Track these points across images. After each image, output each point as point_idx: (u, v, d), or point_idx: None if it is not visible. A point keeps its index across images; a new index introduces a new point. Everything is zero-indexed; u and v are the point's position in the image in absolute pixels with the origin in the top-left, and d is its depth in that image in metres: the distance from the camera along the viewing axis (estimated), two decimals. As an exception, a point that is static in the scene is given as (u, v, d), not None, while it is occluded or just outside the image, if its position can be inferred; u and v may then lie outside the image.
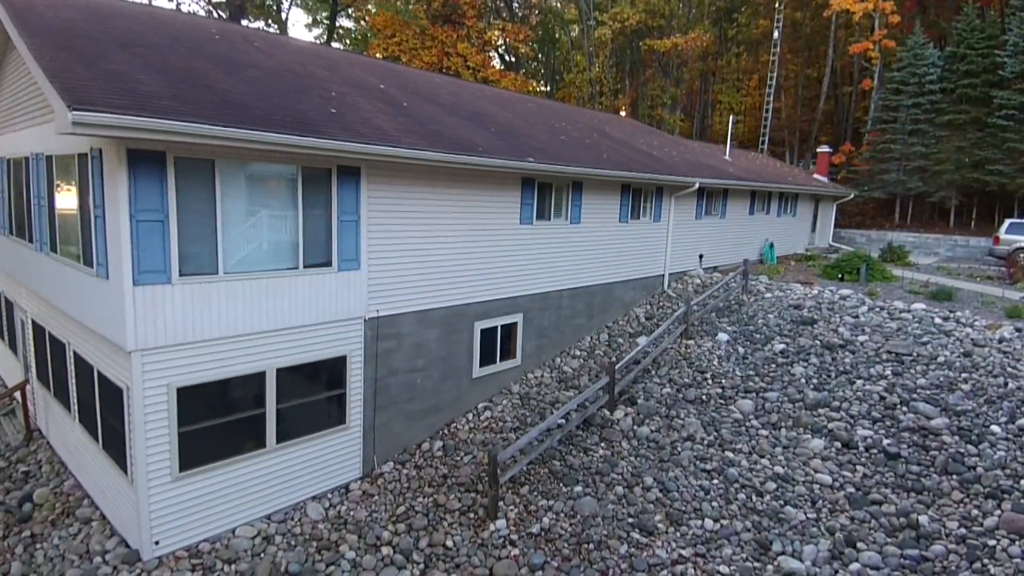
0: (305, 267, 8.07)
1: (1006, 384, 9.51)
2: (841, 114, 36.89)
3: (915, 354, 10.78)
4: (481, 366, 11.02)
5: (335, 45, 30.62)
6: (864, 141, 28.77)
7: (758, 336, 12.53)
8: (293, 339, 8.09)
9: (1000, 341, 10.83)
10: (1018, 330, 11.22)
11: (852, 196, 25.18)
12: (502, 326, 11.34)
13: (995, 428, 8.66)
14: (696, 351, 12.35)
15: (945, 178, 24.35)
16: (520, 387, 11.69)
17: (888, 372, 10.43)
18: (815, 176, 25.85)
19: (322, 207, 8.14)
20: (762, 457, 9.27)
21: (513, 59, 35.39)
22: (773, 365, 11.46)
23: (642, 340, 12.94)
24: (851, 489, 8.32)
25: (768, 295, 14.60)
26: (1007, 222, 20.57)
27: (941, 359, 10.49)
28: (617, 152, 14.68)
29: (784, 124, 36.50)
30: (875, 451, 8.85)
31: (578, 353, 12.93)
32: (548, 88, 47.01)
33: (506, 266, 11.15)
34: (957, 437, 8.71)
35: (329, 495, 8.84)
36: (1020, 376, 9.69)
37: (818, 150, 26.93)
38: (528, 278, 11.68)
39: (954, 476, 8.10)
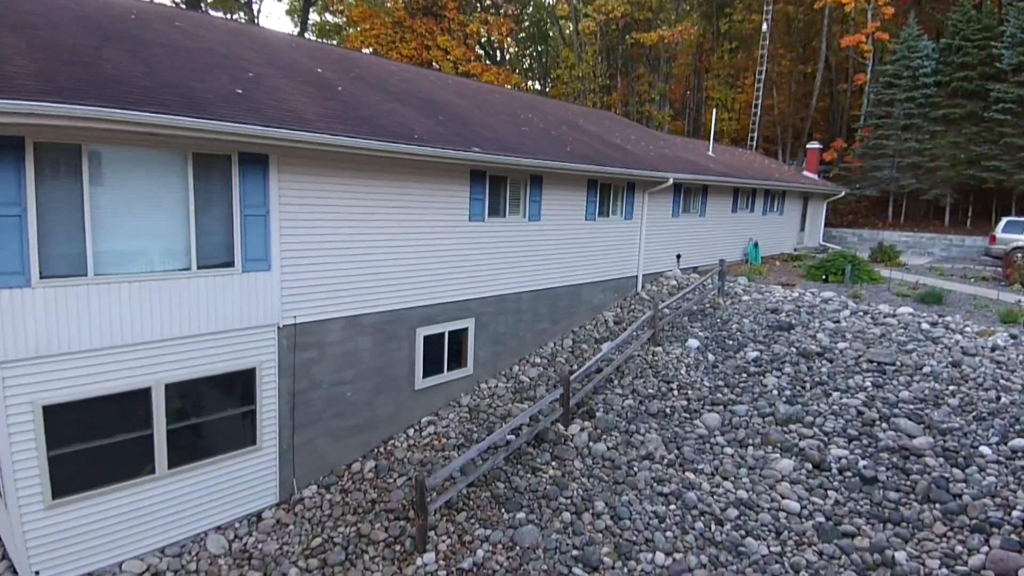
0: (200, 268, 7.12)
1: (998, 398, 8.56)
2: (837, 111, 35.92)
3: (898, 363, 9.83)
4: (425, 376, 10.07)
5: (308, 36, 29.67)
6: (856, 137, 27.80)
7: (731, 343, 11.58)
8: (186, 350, 7.14)
9: (993, 349, 9.88)
10: (1013, 337, 10.26)
11: (843, 194, 24.23)
12: (450, 332, 10.39)
13: (984, 449, 7.70)
14: (664, 359, 11.40)
15: (939, 175, 23.39)
16: (471, 399, 10.74)
17: (868, 384, 9.48)
18: (804, 173, 24.90)
19: (221, 200, 7.19)
20: (725, 479, 8.32)
21: (498, 53, 34.39)
22: (744, 375, 10.52)
23: (607, 346, 11.99)
24: (821, 518, 7.37)
25: (746, 298, 13.64)
26: (1004, 220, 19.66)
27: (927, 369, 9.54)
28: (585, 145, 13.74)
29: (777, 121, 35.53)
30: (849, 474, 7.89)
31: (538, 361, 11.98)
32: (540, 86, 46.14)
33: (454, 267, 10.21)
34: (942, 459, 7.75)
35: (237, 525, 7.90)
36: (1014, 389, 8.74)
37: (808, 146, 25.96)
38: (480, 280, 10.74)
39: (937, 505, 7.15)
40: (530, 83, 46.12)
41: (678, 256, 16.20)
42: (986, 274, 16.72)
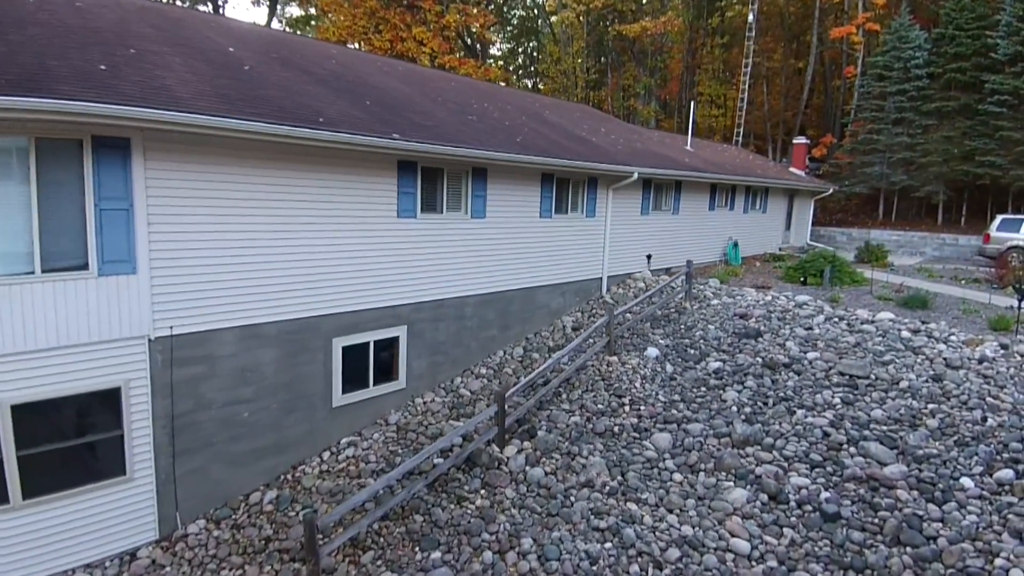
0: (45, 271, 6.08)
1: (984, 420, 7.49)
2: (831, 108, 34.81)
3: (872, 377, 8.78)
4: (345, 392, 9.03)
5: (276, 26, 28.60)
6: (846, 132, 26.71)
7: (692, 352, 10.52)
8: (33, 367, 6.10)
9: (980, 361, 8.81)
10: (1003, 347, 9.20)
11: (831, 191, 23.16)
12: (376, 342, 9.34)
13: (966, 482, 6.65)
14: (618, 370, 10.35)
15: (932, 171, 22.31)
16: (401, 416, 9.69)
17: (837, 400, 8.42)
18: (791, 170, 23.83)
19: (71, 192, 6.15)
20: (670, 512, 7.27)
21: (478, 46, 33.32)
22: (703, 388, 9.47)
23: (560, 355, 10.92)
24: (773, 562, 6.31)
25: (715, 302, 12.59)
26: (999, 218, 18.59)
27: (904, 384, 8.47)
28: (542, 137, 12.69)
29: (767, 117, 34.45)
30: (809, 508, 6.84)
31: (484, 372, 10.92)
32: (531, 84, 45.01)
33: (380, 269, 9.17)
34: (916, 492, 6.70)
35: (107, 564, 6.87)
36: (1003, 409, 7.68)
37: (794, 141, 24.89)
38: (413, 283, 9.69)
39: (908, 549, 6.09)
40: (525, 81, 45.11)
41: (648, 257, 15.15)
42: (979, 275, 15.65)
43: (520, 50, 47.58)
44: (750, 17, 27.22)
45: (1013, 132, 20.59)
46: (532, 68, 46.64)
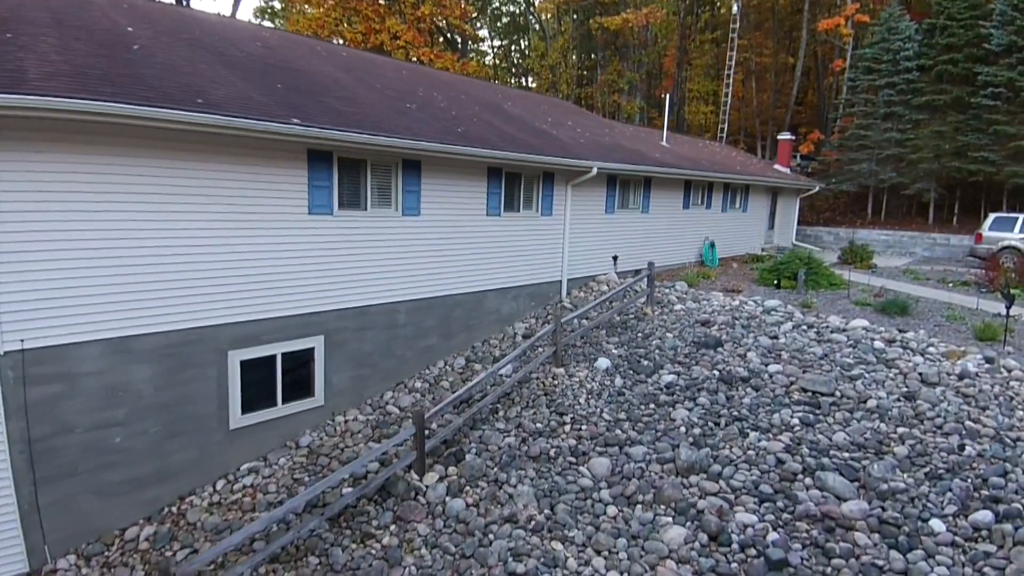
0: None
1: (961, 448, 6.50)
2: (824, 104, 33.81)
3: (837, 394, 7.79)
4: (247, 412, 8.04)
5: (240, 16, 27.61)
6: (835, 128, 25.71)
7: (646, 363, 9.54)
8: None
9: (960, 377, 7.82)
10: (988, 361, 8.21)
11: (817, 189, 22.15)
12: (285, 355, 8.36)
13: (936, 524, 5.66)
14: (564, 383, 9.38)
15: (922, 167, 21.31)
16: (315, 437, 8.71)
17: (796, 421, 7.44)
18: (776, 167, 22.83)
19: None
20: (598, 553, 6.28)
21: (458, 40, 32.32)
22: (652, 405, 8.48)
23: (503, 367, 9.95)
24: (705, 622, 5.34)
25: (678, 307, 11.60)
26: (991, 216, 17.62)
27: (872, 403, 7.49)
28: (492, 128, 11.71)
29: (756, 114, 33.47)
30: (753, 552, 5.85)
31: (419, 385, 9.94)
32: (525, 82, 44.00)
33: (288, 273, 8.19)
34: (877, 536, 5.71)
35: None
36: (983, 435, 6.69)
37: (778, 137, 23.89)
38: (331, 288, 8.71)
39: (862, 608, 5.12)
40: (521, 79, 44.11)
41: (614, 258, 14.16)
42: (968, 277, 14.66)
43: (514, 48, 46.69)
44: (735, 8, 26.22)
45: (1007, 126, 19.61)
46: (524, 65, 45.73)
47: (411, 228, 9.67)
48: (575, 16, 31.65)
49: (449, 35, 31.97)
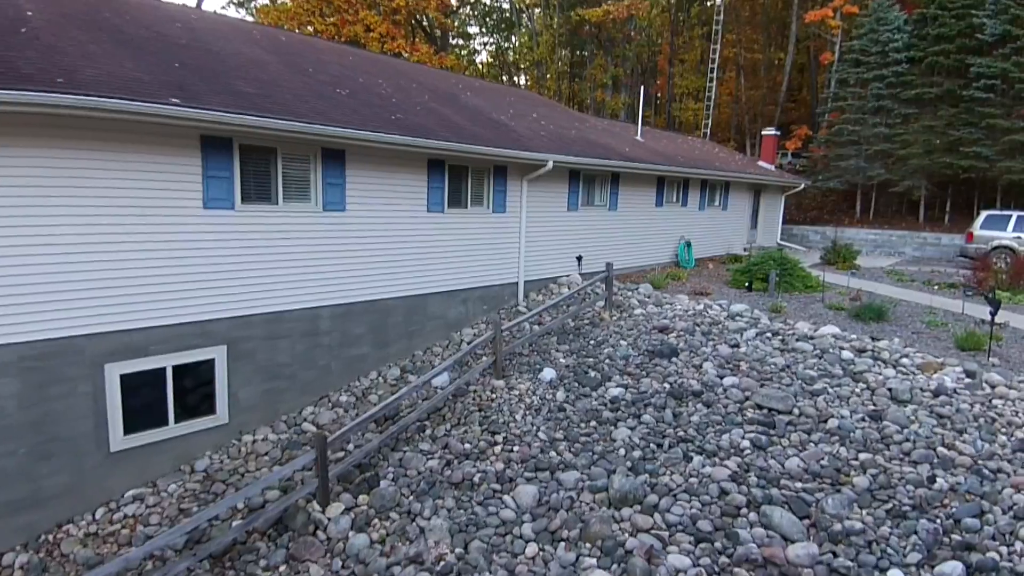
0: None
1: (931, 480, 5.57)
2: (816, 100, 32.86)
3: (796, 411, 6.87)
4: (131, 432, 7.11)
5: (205, 7, 26.67)
6: (823, 123, 24.77)
7: (593, 374, 8.62)
8: None
9: (936, 394, 6.89)
10: (968, 375, 7.28)
11: (802, 187, 21.23)
12: (178, 367, 7.43)
13: (895, 575, 4.73)
14: (503, 396, 8.46)
15: (912, 164, 20.37)
16: (215, 460, 7.78)
17: (746, 443, 6.52)
18: (760, 163, 21.92)
19: None
20: (507, 603, 5.37)
21: (439, 33, 31.41)
22: (593, 423, 7.57)
23: (441, 378, 9.04)
24: None
25: (639, 311, 10.68)
26: (983, 214, 16.72)
27: (833, 423, 6.56)
28: (438, 118, 10.80)
29: (745, 110, 32.56)
30: (681, 608, 4.93)
31: (344, 399, 9.01)
32: (520, 80, 43.06)
33: (176, 275, 7.26)
34: (825, 587, 4.79)
35: None
36: (958, 465, 5.76)
37: (763, 132, 22.97)
38: (236, 291, 7.80)
39: None
40: (512, 78, 43.25)
41: (579, 258, 13.25)
42: (956, 279, 13.73)
43: (506, 46, 45.84)
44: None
45: (1001, 120, 18.71)
46: (515, 63, 44.81)
47: (335, 225, 8.75)
48: (558, 9, 30.70)
49: (428, 29, 31.03)
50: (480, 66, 42.84)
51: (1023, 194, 19.59)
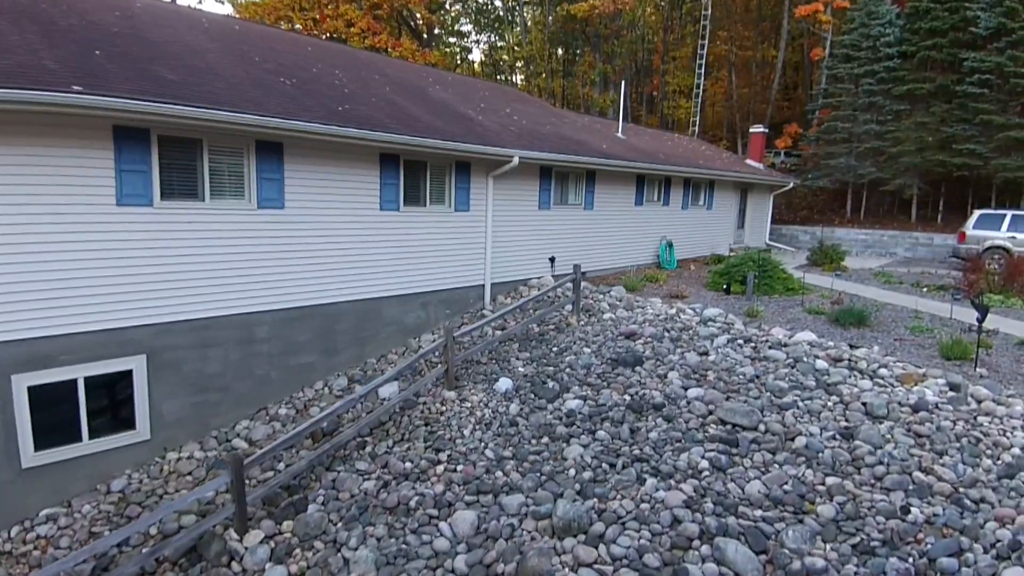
0: None
1: (904, 511, 4.94)
2: (810, 98, 32.24)
3: (761, 428, 6.24)
4: (42, 448, 6.52)
5: (182, 1, 26.04)
6: (814, 120, 24.16)
7: (552, 385, 7.99)
8: None
9: (915, 409, 6.26)
10: (952, 388, 6.66)
11: (791, 185, 20.62)
12: (91, 379, 6.81)
13: (857, 624, 4.11)
14: (453, 409, 7.84)
15: (903, 161, 19.77)
16: (134, 479, 7.14)
17: (705, 464, 5.89)
18: (747, 162, 21.30)
19: None
20: (426, 651, 4.74)
21: (425, 28, 30.75)
22: (546, 439, 6.94)
23: (388, 388, 8.43)
24: None
25: (608, 316, 10.06)
26: (976, 214, 16.08)
27: (801, 441, 5.93)
28: (394, 110, 10.18)
29: (737, 107, 31.96)
30: (616, 661, 4.31)
31: (284, 412, 8.37)
32: (510, 79, 42.38)
33: (90, 277, 6.65)
34: (779, 639, 4.17)
35: None
36: (937, 493, 5.12)
37: (751, 130, 22.36)
38: (156, 296, 7.17)
39: None
40: (507, 78, 42.56)
41: (552, 260, 12.62)
42: (947, 281, 13.12)
43: (500, 44, 45.19)
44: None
45: (996, 115, 18.10)
46: (508, 62, 44.12)
47: (272, 223, 8.12)
48: (548, 4, 30.07)
49: (413, 24, 30.40)
50: (477, 66, 42.21)
51: (1018, 193, 19.00)
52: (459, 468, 6.72)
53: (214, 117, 6.82)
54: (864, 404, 6.32)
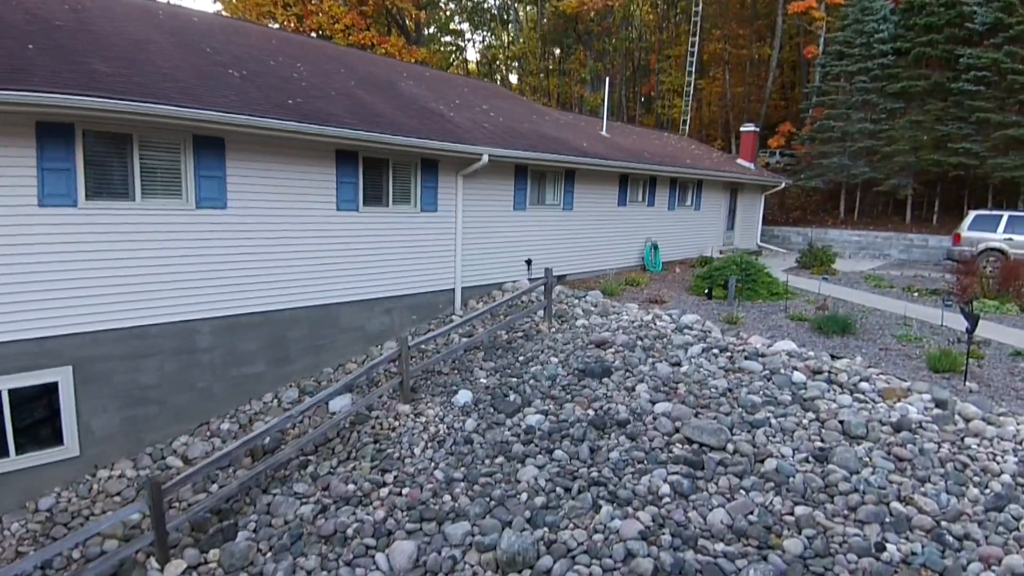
0: None
1: (880, 547, 4.42)
2: (803, 97, 31.70)
3: (729, 448, 5.71)
4: (-53, 467, 5.99)
5: None
6: (808, 119, 23.65)
7: (514, 397, 7.47)
8: None
9: (897, 429, 5.73)
10: (939, 404, 6.13)
11: (783, 185, 20.10)
12: (14, 391, 6.30)
13: None
14: (406, 424, 7.31)
15: (898, 161, 19.26)
16: (63, 498, 6.62)
17: (667, 489, 5.36)
18: (738, 161, 20.78)
19: None
20: None
21: (412, 25, 30.21)
22: (501, 458, 6.41)
23: (340, 401, 7.90)
24: None
25: (581, 322, 9.54)
26: (971, 215, 15.60)
27: (772, 464, 5.41)
28: (352, 103, 9.66)
29: (730, 106, 31.45)
30: None
31: (226, 427, 7.84)
32: (508, 79, 41.91)
33: (6, 283, 6.13)
34: None
35: None
36: (916, 527, 4.60)
37: (741, 128, 21.84)
38: (81, 302, 6.66)
39: None
40: (510, 77, 42.12)
41: (528, 262, 12.10)
42: (940, 284, 12.59)
43: (496, 43, 44.67)
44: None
45: (992, 113, 17.59)
46: (503, 61, 43.63)
47: (213, 224, 7.59)
48: (539, 1, 29.59)
49: (402, 21, 29.89)
50: (473, 65, 41.70)
51: (1015, 193, 18.49)
52: (404, 491, 6.20)
53: (139, 110, 6.30)
54: (841, 423, 5.79)
